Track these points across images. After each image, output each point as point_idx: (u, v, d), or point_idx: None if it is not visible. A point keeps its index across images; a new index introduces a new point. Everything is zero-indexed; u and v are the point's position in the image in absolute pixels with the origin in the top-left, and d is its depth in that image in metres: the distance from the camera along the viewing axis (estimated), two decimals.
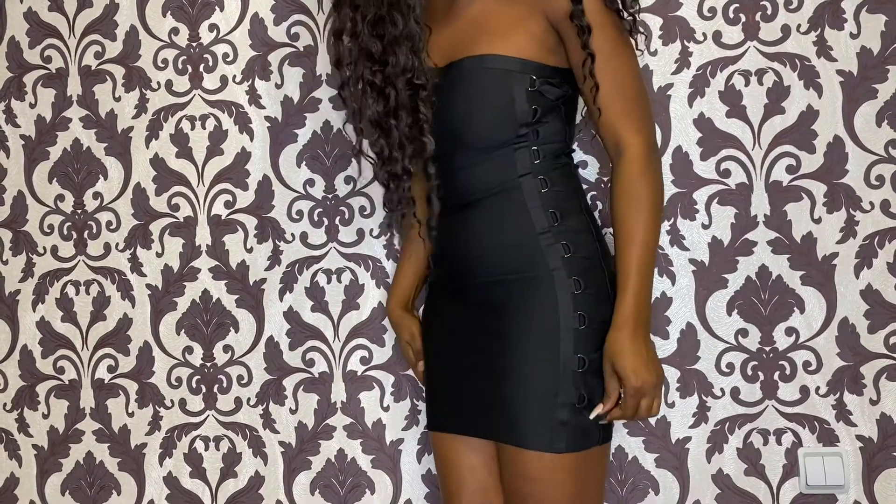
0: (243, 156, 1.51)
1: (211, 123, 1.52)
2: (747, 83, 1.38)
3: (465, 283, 1.17)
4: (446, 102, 1.12)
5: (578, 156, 1.41)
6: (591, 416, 1.06)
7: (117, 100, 1.55)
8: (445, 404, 1.22)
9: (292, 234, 1.50)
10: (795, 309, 1.37)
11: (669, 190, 1.39)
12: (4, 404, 1.60)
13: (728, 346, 1.39)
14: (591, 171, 1.41)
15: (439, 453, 1.25)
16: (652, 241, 1.08)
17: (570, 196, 1.14)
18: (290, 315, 1.50)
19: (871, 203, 1.35)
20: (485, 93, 1.10)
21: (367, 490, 1.48)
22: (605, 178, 1.41)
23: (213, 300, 1.53)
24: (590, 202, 1.40)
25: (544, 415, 1.06)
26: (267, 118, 1.50)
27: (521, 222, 1.11)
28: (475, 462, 1.20)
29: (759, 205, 1.38)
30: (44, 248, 1.58)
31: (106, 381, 1.56)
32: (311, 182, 1.50)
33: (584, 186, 1.41)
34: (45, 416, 1.58)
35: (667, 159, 1.39)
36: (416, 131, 1.13)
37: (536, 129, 1.11)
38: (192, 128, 1.53)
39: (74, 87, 1.57)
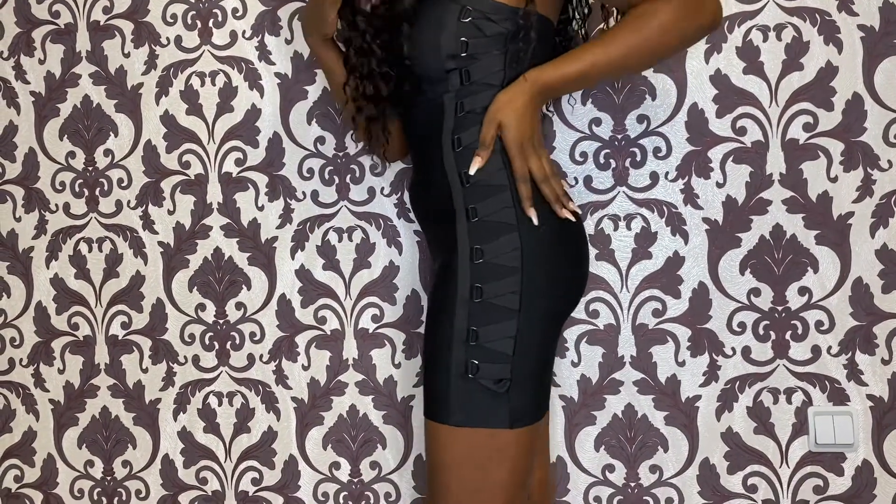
0: (253, 113, 1.50)
1: (221, 80, 1.51)
2: (765, 38, 1.35)
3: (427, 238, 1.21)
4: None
5: (592, 112, 1.39)
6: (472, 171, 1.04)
7: (126, 56, 1.54)
8: None
9: (303, 193, 1.50)
10: (809, 268, 1.36)
11: (684, 148, 1.38)
12: (21, 360, 1.62)
13: (740, 305, 1.38)
14: (605, 128, 1.40)
15: None
16: (623, 53, 1.00)
17: (492, 154, 1.06)
18: (302, 273, 1.50)
19: (889, 161, 1.33)
20: (425, 21, 1.06)
21: (378, 445, 1.50)
22: (620, 136, 1.39)
23: (225, 258, 1.53)
24: (602, 160, 1.40)
25: (440, 385, 1.04)
26: (277, 74, 1.49)
27: (441, 181, 1.09)
28: None
29: (775, 163, 1.36)
30: (56, 205, 1.58)
31: (120, 338, 1.58)
32: (321, 140, 1.49)
33: (598, 144, 1.39)
34: (61, 372, 1.60)
35: (682, 116, 1.37)
36: (395, 43, 1.10)
37: (467, 67, 1.05)
38: (202, 84, 1.52)
39: (83, 42, 1.55)
